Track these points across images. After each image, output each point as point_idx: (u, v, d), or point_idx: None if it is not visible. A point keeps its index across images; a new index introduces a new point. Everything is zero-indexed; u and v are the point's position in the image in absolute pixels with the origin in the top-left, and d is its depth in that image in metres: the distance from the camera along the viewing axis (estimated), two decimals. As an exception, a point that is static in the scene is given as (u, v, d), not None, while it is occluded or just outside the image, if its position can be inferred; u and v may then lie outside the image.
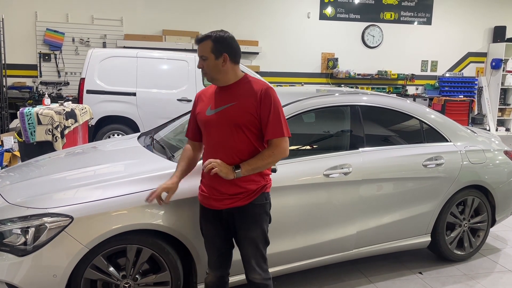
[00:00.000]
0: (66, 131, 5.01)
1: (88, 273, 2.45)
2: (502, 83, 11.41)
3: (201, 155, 2.55)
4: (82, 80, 6.65)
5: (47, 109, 4.88)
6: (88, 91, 6.63)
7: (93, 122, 6.47)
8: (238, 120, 2.28)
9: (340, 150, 3.22)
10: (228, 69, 2.30)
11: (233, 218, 2.37)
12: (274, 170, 2.68)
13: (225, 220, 2.39)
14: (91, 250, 2.40)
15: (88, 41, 8.84)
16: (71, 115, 5.19)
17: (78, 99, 6.75)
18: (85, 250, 2.37)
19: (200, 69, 2.35)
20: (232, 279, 2.68)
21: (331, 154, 3.15)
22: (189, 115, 3.90)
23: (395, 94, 10.38)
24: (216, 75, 2.31)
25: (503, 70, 11.35)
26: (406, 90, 11.19)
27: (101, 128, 6.72)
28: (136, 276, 2.57)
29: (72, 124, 5.19)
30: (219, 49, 2.26)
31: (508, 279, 3.53)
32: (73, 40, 8.79)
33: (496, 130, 11.47)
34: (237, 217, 2.36)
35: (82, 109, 5.70)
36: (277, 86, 8.81)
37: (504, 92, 11.66)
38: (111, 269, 2.51)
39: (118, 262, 2.55)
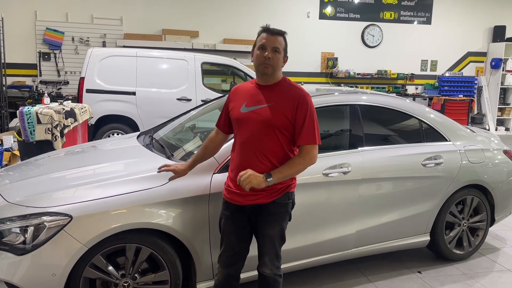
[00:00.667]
0: (66, 130, 5.01)
1: (87, 272, 2.45)
2: (502, 83, 11.41)
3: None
4: (82, 79, 6.65)
5: (47, 108, 4.88)
6: (88, 90, 6.63)
7: (92, 121, 6.47)
8: (272, 121, 2.32)
9: (339, 149, 3.23)
10: (281, 69, 2.42)
11: (255, 214, 2.41)
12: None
13: (247, 215, 2.42)
14: (90, 249, 2.40)
15: (88, 40, 8.84)
16: (70, 114, 5.19)
17: (77, 98, 6.74)
18: (84, 249, 2.38)
19: (263, 59, 2.32)
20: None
21: (331, 153, 3.15)
22: (187, 115, 3.93)
23: (395, 94, 10.38)
24: (277, 71, 2.38)
25: (503, 70, 11.35)
26: (406, 90, 11.19)
27: (101, 127, 6.72)
28: (135, 275, 2.57)
29: (71, 123, 5.19)
30: (286, 49, 2.41)
31: (507, 278, 3.53)
32: (73, 39, 8.78)
33: (496, 129, 11.47)
34: (259, 214, 2.40)
35: (82, 108, 5.70)
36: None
37: (503, 91, 11.65)
38: (110, 268, 2.51)
39: (117, 261, 2.55)
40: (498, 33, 11.53)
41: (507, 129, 11.66)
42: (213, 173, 2.72)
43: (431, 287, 3.36)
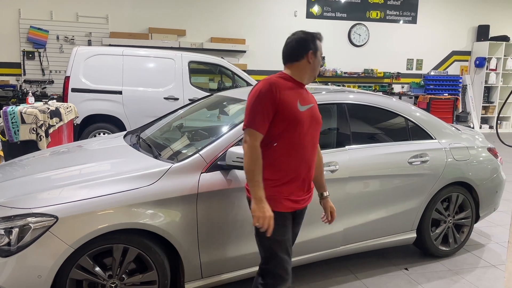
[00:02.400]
0: (51, 130, 4.94)
1: (74, 273, 2.42)
2: (486, 81, 11.60)
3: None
4: (67, 79, 6.57)
5: (31, 107, 4.81)
6: (73, 90, 6.56)
7: (78, 121, 6.40)
8: (320, 122, 2.44)
9: (327, 148, 3.24)
10: None
11: (296, 217, 2.47)
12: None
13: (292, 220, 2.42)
14: (77, 250, 2.37)
15: (73, 39, 8.74)
16: (55, 113, 5.12)
17: (63, 98, 6.67)
18: (71, 250, 2.35)
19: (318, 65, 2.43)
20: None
21: (318, 152, 3.16)
22: (175, 114, 3.91)
23: (381, 93, 10.46)
24: None
25: (487, 69, 11.54)
26: (392, 89, 11.30)
27: (87, 127, 6.66)
28: (123, 275, 2.55)
29: (56, 123, 5.12)
30: None
31: (492, 274, 3.59)
32: (58, 37, 8.67)
33: (480, 127, 11.66)
34: (299, 215, 2.50)
35: (67, 108, 5.63)
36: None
37: (487, 90, 11.85)
38: (97, 269, 2.48)
39: (104, 261, 2.52)
40: (482, 32, 11.71)
41: (491, 127, 11.86)
42: (201, 173, 2.71)
43: (417, 283, 3.40)
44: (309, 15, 10.41)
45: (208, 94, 4.97)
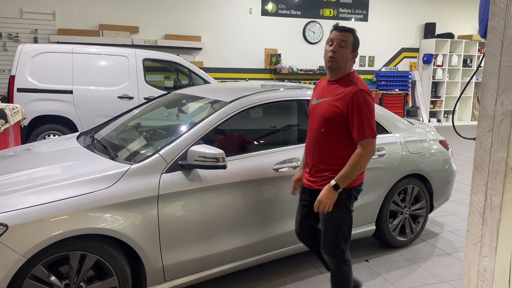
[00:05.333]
0: (-4, 133, 4.64)
1: (27, 284, 2.28)
2: (433, 77, 12.12)
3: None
4: (12, 78, 6.20)
5: (-27, 109, 4.49)
6: (19, 90, 6.20)
7: (26, 123, 6.06)
8: (326, 114, 2.50)
9: (288, 144, 3.24)
10: (349, 64, 2.56)
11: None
12: (224, 167, 2.64)
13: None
14: (30, 260, 2.23)
15: (17, 36, 8.27)
16: (0, 115, 4.81)
17: (8, 98, 6.29)
18: (23, 260, 2.20)
19: (329, 53, 2.50)
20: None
21: (280, 148, 3.16)
22: (130, 113, 3.77)
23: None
24: (343, 65, 2.52)
25: (434, 65, 12.06)
26: (346, 85, 11.54)
27: (35, 129, 6.32)
28: (81, 284, 2.43)
29: (2, 125, 4.81)
30: (355, 46, 2.57)
31: (447, 261, 3.74)
32: (1, 35, 8.17)
33: (429, 121, 12.17)
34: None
35: (13, 109, 5.31)
36: (221, 82, 8.75)
37: (435, 85, 12.39)
38: (53, 278, 2.35)
39: (61, 270, 2.39)
40: (428, 30, 12.22)
41: (438, 121, 12.41)
42: (162, 173, 2.63)
43: (378, 274, 3.48)
44: (264, 12, 10.44)
45: (165, 92, 4.85)
